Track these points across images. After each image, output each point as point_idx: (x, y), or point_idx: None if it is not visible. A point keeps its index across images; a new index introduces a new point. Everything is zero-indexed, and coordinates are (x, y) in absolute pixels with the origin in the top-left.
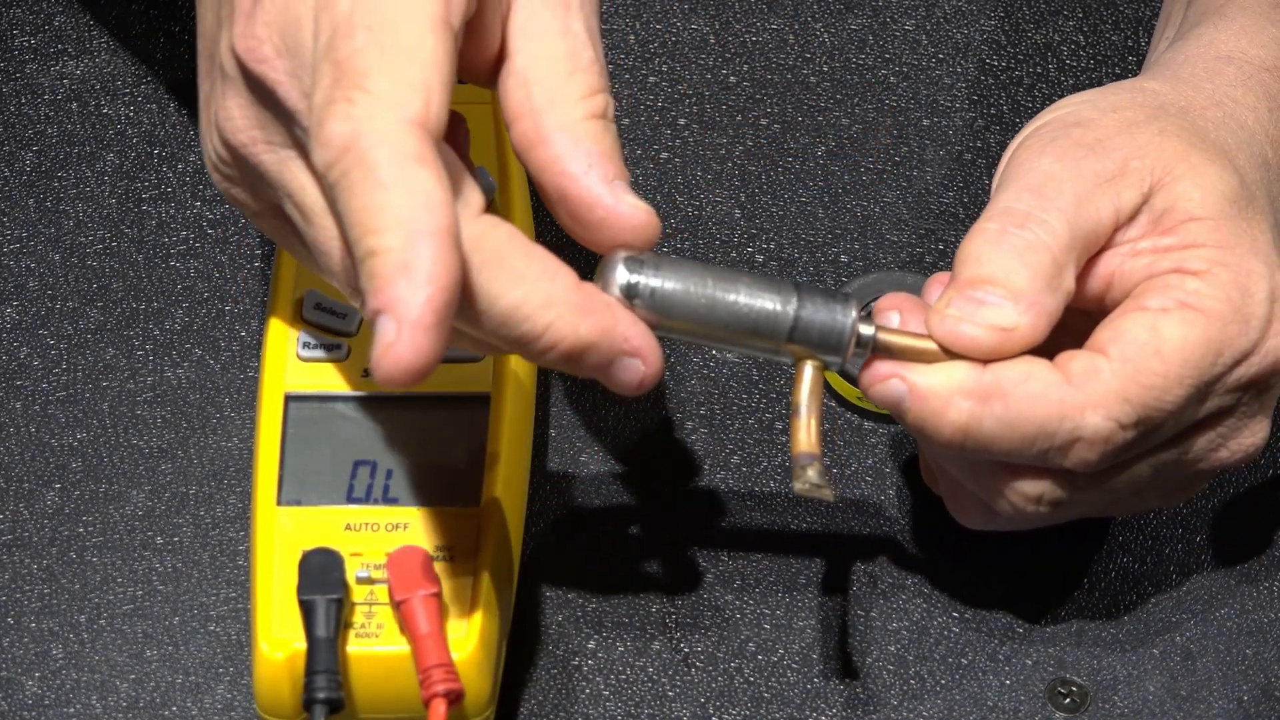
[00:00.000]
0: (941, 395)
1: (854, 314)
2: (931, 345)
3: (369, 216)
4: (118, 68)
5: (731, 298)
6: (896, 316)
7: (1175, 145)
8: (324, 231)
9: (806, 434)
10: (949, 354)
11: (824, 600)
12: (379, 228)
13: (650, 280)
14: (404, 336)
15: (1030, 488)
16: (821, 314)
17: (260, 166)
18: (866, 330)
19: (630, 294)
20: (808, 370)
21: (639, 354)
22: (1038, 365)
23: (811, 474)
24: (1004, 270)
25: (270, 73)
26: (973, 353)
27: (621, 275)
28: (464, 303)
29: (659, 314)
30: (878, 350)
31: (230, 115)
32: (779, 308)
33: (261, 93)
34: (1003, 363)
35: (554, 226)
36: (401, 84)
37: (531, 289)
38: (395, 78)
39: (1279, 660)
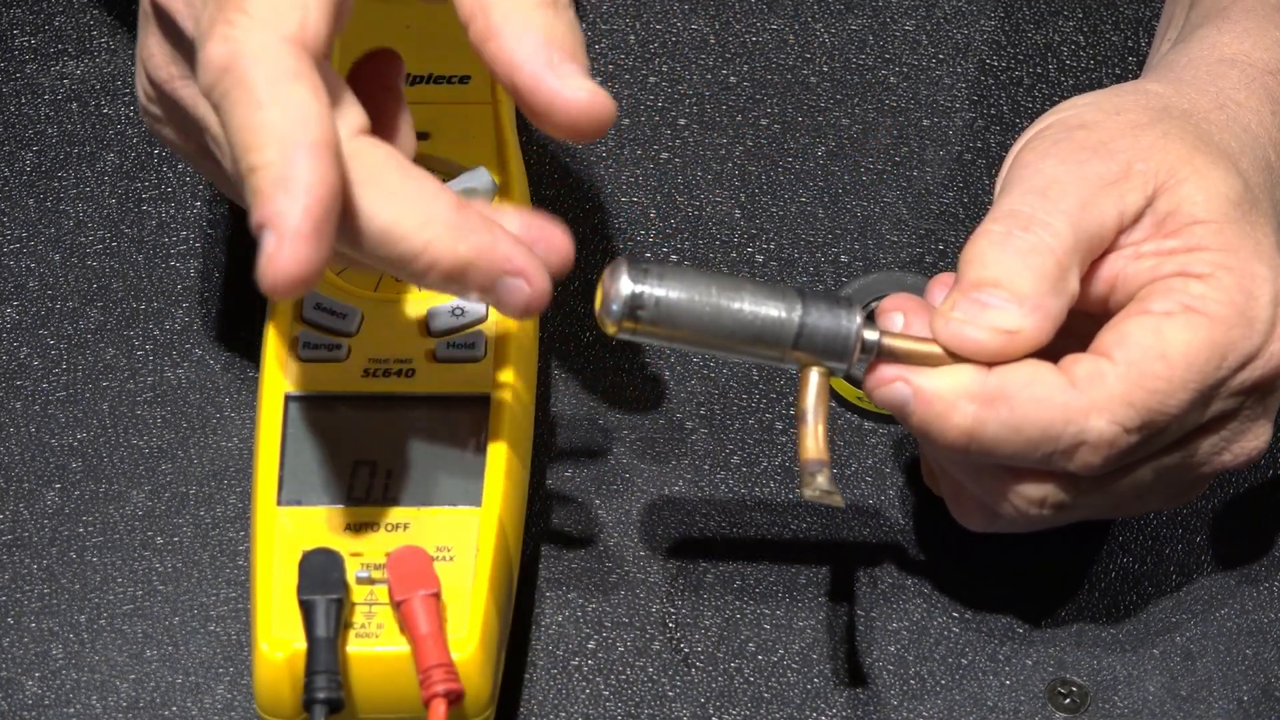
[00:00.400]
0: (946, 398)
1: (859, 319)
2: (936, 349)
3: (248, 135)
4: (118, 68)
5: (736, 305)
6: (900, 318)
7: (1179, 148)
8: (228, 160)
9: (815, 440)
10: (953, 357)
11: (824, 600)
12: (257, 144)
13: (655, 290)
14: (284, 248)
15: (1033, 491)
16: (826, 320)
17: (180, 102)
18: (871, 335)
19: (635, 304)
20: (813, 377)
21: (522, 274)
22: (1042, 369)
23: (821, 480)
24: (1008, 273)
25: (169, 3)
26: (977, 356)
27: (626, 285)
28: (343, 222)
29: (665, 323)
30: (882, 354)
31: (151, 53)
32: (784, 314)
33: (168, 26)
34: (1007, 366)
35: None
36: (279, 4)
37: (407, 208)
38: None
39: (1279, 660)
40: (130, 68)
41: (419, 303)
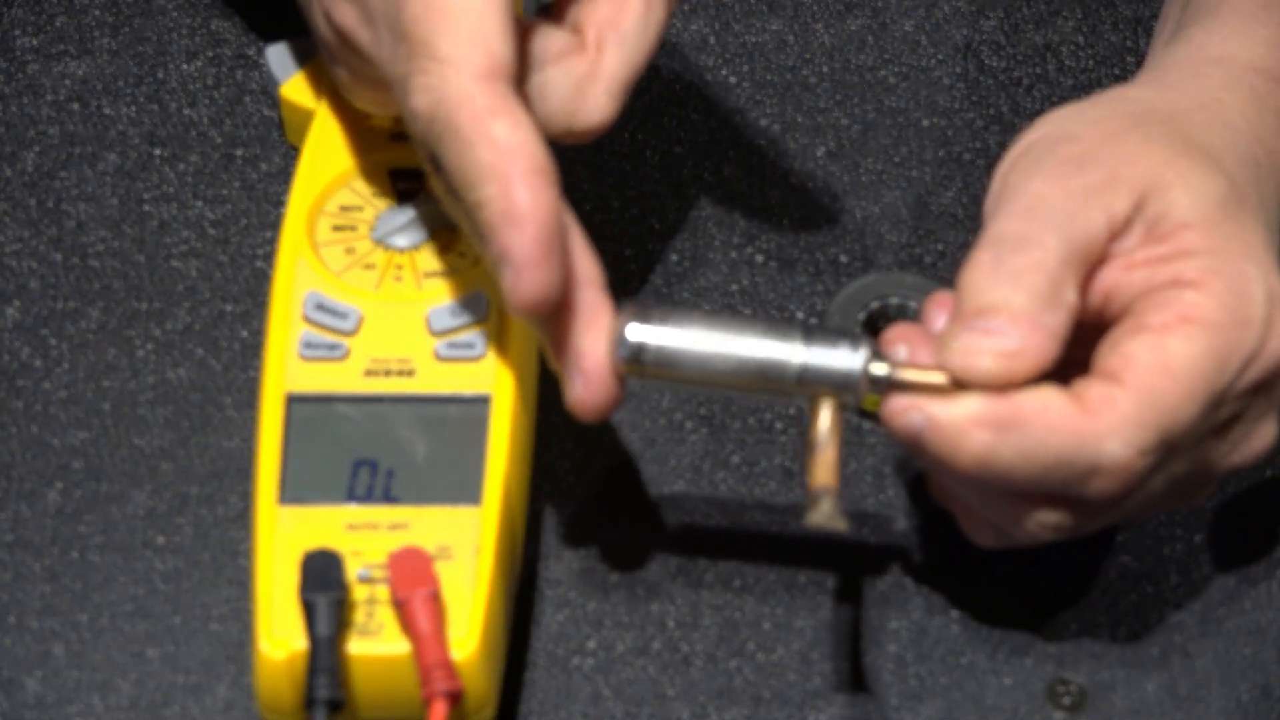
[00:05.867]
0: (959, 426)
1: (864, 354)
2: (943, 379)
3: (466, 173)
4: (119, 68)
5: (741, 346)
6: (905, 349)
7: (1161, 152)
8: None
9: (825, 469)
10: (962, 387)
11: (823, 600)
12: (477, 181)
13: (658, 333)
14: (522, 277)
15: (1049, 517)
16: (831, 357)
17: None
18: (879, 369)
19: (639, 348)
20: (825, 407)
21: (584, 375)
22: (1054, 395)
23: (826, 506)
24: (1003, 297)
25: (349, 26)
26: (985, 382)
27: (632, 331)
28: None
29: (669, 367)
30: (892, 387)
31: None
32: (789, 353)
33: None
34: (1019, 393)
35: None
36: (462, 43)
37: None
38: (455, 38)
39: (1278, 660)
40: (130, 68)
41: (419, 303)
